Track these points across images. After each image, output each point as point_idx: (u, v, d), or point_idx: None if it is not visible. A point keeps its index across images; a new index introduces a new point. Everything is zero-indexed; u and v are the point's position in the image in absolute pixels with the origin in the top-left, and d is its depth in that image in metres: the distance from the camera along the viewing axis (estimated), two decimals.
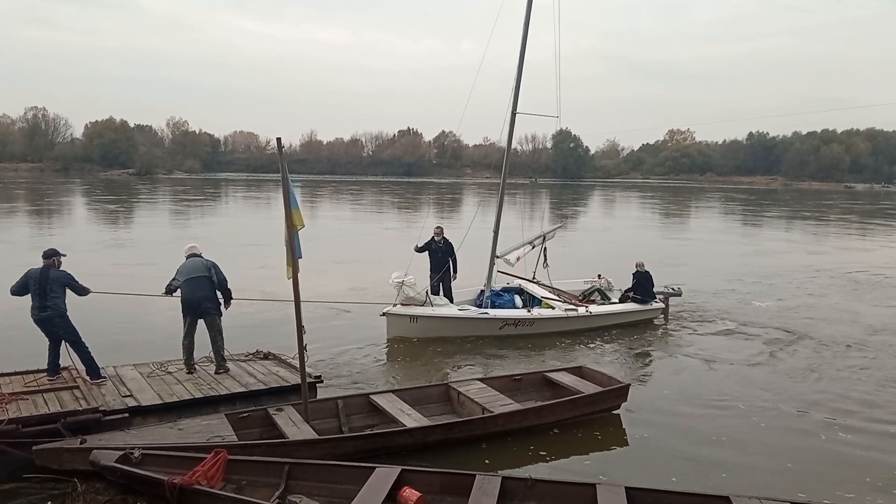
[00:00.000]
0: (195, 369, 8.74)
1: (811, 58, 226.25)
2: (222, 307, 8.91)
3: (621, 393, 8.83)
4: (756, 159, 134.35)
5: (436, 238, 13.46)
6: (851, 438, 8.19)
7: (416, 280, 12.19)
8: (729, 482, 6.86)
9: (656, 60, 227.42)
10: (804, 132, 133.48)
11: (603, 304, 14.19)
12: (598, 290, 14.65)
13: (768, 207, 59.57)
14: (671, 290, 14.48)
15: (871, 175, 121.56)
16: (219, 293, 8.82)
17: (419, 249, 13.41)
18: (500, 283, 14.25)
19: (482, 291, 13.65)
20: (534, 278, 14.47)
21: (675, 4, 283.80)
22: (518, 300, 13.81)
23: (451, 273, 13.36)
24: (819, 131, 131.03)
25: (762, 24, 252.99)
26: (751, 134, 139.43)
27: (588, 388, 8.85)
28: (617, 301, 14.27)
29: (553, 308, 13.11)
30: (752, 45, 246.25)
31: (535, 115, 13.29)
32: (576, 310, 13.07)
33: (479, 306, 13.15)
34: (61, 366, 8.33)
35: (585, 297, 14.39)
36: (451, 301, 13.07)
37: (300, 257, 7.47)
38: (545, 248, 14.54)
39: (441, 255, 13.23)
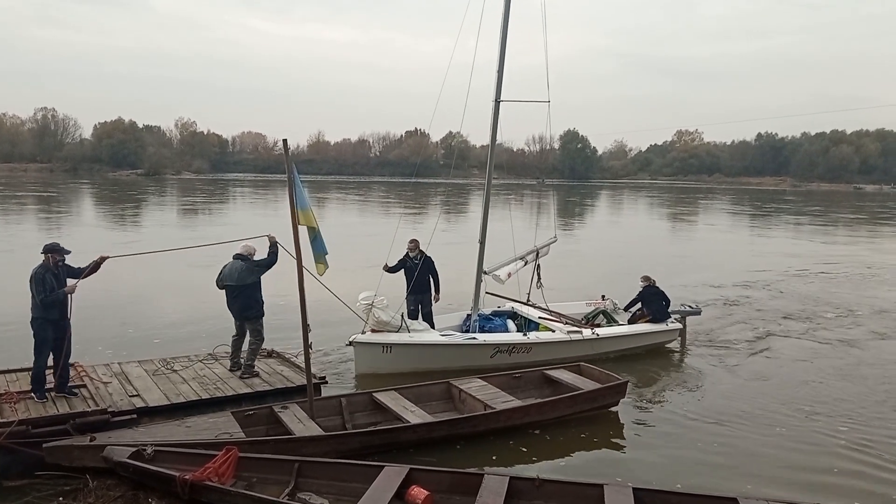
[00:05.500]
0: (238, 367, 8.76)
1: (823, 56, 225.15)
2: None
3: (620, 389, 8.94)
4: (765, 160, 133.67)
5: (410, 254, 11.50)
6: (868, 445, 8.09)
7: (388, 302, 10.37)
8: (733, 483, 6.86)
9: (664, 58, 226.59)
10: (813, 133, 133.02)
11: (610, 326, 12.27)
12: (603, 313, 12.65)
13: (827, 211, 57.84)
14: (689, 308, 12.67)
15: (881, 176, 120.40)
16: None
17: (391, 269, 11.41)
18: (489, 306, 12.39)
19: (468, 316, 11.83)
20: (528, 300, 12.59)
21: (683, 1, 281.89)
22: (511, 325, 12.02)
23: (432, 293, 11.50)
24: (828, 132, 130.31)
25: (773, 21, 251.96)
26: (759, 135, 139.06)
27: (587, 384, 8.97)
28: (626, 323, 12.34)
29: (553, 331, 11.33)
30: (761, 43, 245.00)
31: (522, 101, 11.79)
32: (580, 332, 11.20)
33: (465, 332, 11.40)
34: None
35: (589, 322, 12.25)
36: (432, 326, 11.18)
37: (326, 253, 7.64)
38: (538, 266, 12.63)
39: (419, 274, 11.26)
